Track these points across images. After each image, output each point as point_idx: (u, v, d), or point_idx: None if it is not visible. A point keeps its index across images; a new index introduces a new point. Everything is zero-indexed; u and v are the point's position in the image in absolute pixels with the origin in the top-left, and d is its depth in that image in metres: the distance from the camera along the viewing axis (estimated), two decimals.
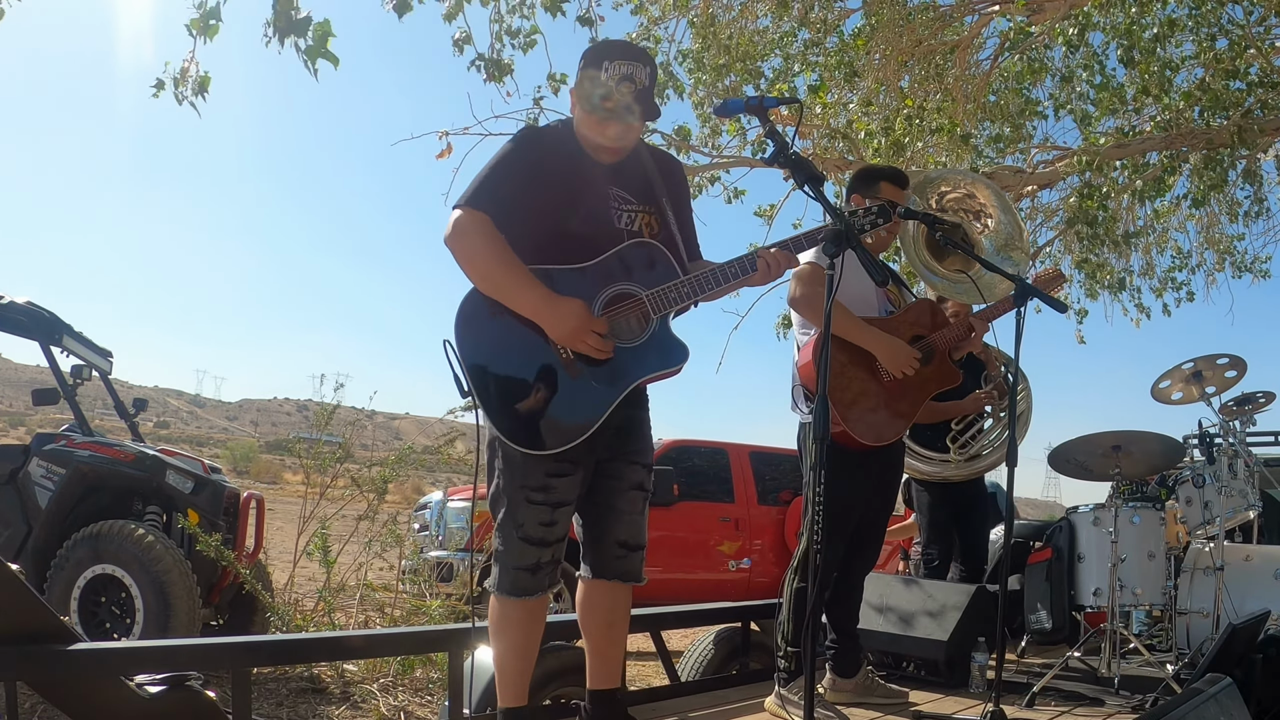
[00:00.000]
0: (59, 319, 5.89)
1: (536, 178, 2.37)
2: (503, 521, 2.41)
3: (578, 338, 2.29)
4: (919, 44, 7.00)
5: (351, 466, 6.17)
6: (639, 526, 2.54)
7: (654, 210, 2.51)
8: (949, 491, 4.66)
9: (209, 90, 4.20)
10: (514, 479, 2.37)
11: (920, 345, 3.27)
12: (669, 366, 2.40)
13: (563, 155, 2.43)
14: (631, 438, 2.51)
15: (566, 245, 2.38)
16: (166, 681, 2.35)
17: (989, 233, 3.61)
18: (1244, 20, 6.59)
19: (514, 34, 5.29)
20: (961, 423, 4.55)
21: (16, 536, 5.37)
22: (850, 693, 3.35)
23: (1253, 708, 2.99)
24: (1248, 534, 5.15)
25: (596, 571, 2.54)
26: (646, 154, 2.60)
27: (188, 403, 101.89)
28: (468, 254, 2.32)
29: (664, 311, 2.38)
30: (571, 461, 2.36)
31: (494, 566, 2.44)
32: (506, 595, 2.41)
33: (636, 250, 2.41)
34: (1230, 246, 9.35)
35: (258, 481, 27.32)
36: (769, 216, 7.83)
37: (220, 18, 3.96)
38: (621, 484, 2.50)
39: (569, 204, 2.39)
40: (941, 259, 3.62)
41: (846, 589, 3.40)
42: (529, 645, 2.49)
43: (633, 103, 2.34)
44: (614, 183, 2.47)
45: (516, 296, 2.31)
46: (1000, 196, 3.73)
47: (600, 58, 2.39)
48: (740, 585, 8.10)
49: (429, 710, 4.72)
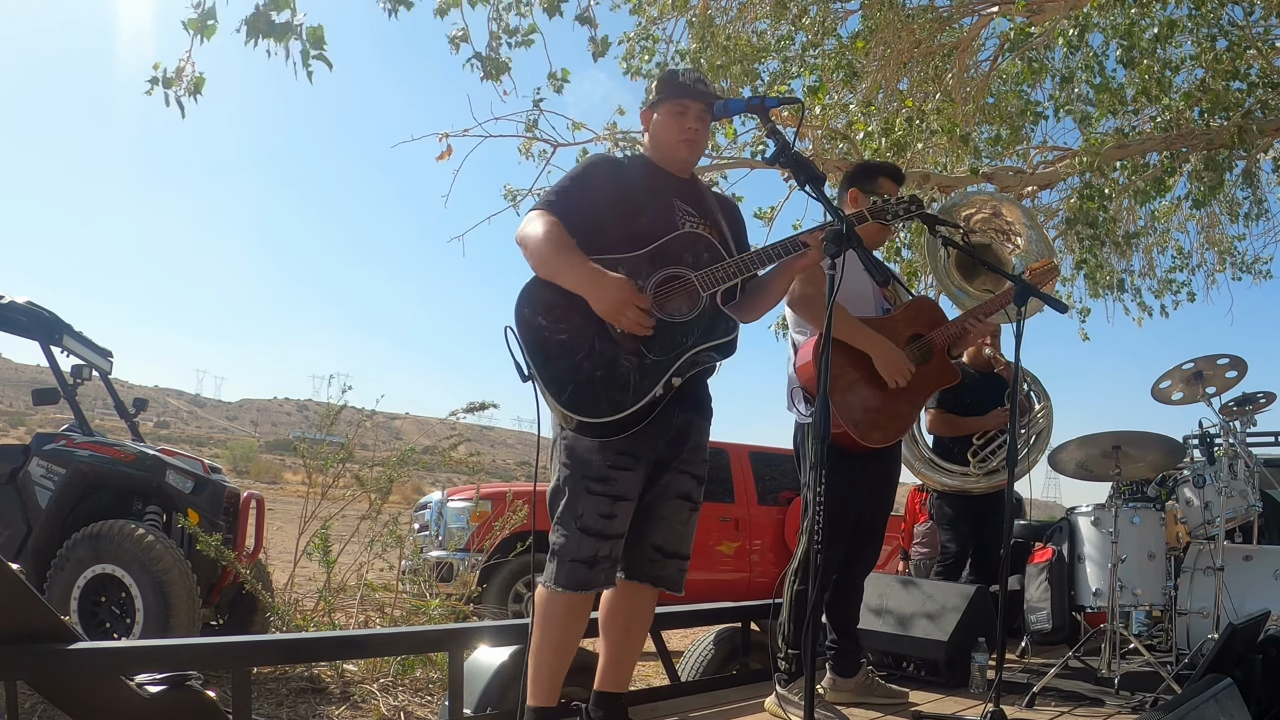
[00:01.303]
0: (59, 319, 5.89)
1: (608, 188, 2.54)
2: (562, 514, 2.45)
3: (621, 311, 2.35)
4: (918, 45, 6.99)
5: (352, 466, 6.16)
6: (679, 534, 2.61)
7: (712, 225, 2.63)
8: (970, 503, 4.84)
9: (202, 91, 4.18)
10: (575, 470, 2.44)
11: (919, 344, 3.27)
12: (720, 338, 2.46)
13: (634, 171, 2.66)
14: (688, 446, 2.57)
15: (632, 242, 2.48)
16: (166, 681, 2.35)
17: (1019, 252, 3.67)
18: (1244, 21, 6.59)
19: (511, 32, 5.27)
20: (983, 438, 4.76)
21: (16, 536, 5.36)
22: (850, 693, 3.36)
23: (1253, 708, 2.98)
24: (1248, 534, 5.14)
25: (629, 573, 2.58)
26: (708, 190, 2.82)
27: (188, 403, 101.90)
28: (528, 242, 2.42)
29: (713, 289, 2.46)
30: (634, 456, 2.43)
31: (548, 563, 2.46)
32: (560, 588, 2.42)
33: (686, 238, 2.52)
34: (1231, 247, 9.36)
35: (258, 481, 27.33)
36: (769, 218, 7.83)
37: (216, 17, 3.95)
38: (668, 491, 2.57)
39: (637, 209, 2.53)
40: (971, 279, 3.68)
41: (847, 589, 3.41)
42: (569, 643, 2.50)
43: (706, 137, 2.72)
44: (678, 196, 2.63)
45: (566, 274, 2.39)
46: (1028, 214, 3.78)
47: (672, 93, 2.63)
48: (740, 585, 8.10)
49: (429, 710, 4.72)
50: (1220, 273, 9.40)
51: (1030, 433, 4.93)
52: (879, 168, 3.52)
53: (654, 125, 2.67)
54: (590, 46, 5.57)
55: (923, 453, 4.94)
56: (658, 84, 2.70)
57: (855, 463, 3.14)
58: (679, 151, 2.65)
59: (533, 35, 5.27)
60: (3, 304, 5.68)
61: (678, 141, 2.63)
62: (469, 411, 6.14)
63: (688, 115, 2.61)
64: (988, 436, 4.74)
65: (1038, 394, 5.05)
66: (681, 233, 2.52)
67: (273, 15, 3.82)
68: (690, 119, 2.61)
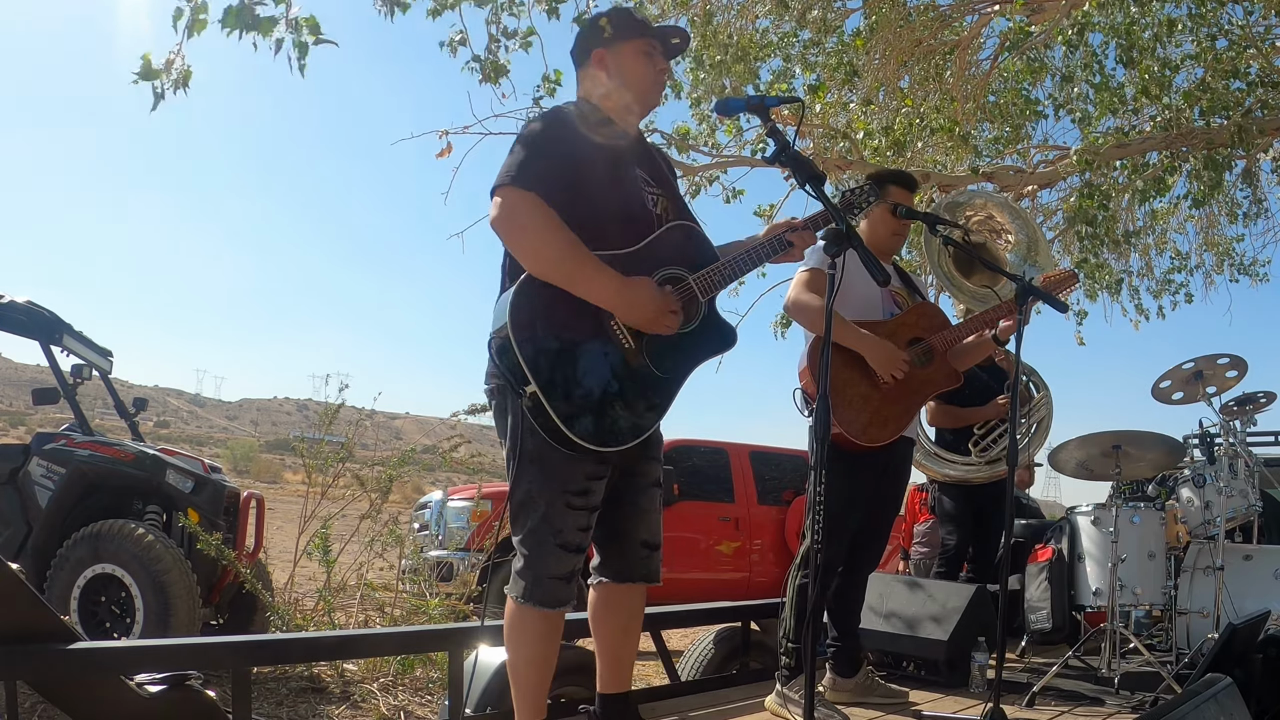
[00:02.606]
0: (59, 318, 5.89)
1: (574, 152, 2.28)
2: (536, 528, 2.24)
3: (658, 320, 2.22)
4: (918, 44, 6.99)
5: (352, 466, 6.16)
6: (659, 525, 2.48)
7: (669, 195, 2.48)
8: (971, 494, 4.84)
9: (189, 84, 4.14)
10: (551, 482, 2.23)
11: (919, 348, 3.26)
12: (724, 348, 2.39)
13: (594, 131, 2.34)
14: (653, 437, 2.42)
15: (612, 226, 2.30)
16: (166, 681, 2.35)
17: (1011, 247, 3.71)
18: (1244, 20, 6.59)
19: (510, 35, 5.26)
20: (984, 428, 4.78)
21: (16, 536, 5.37)
22: (850, 692, 3.36)
23: (1253, 708, 2.98)
24: (1248, 534, 5.15)
25: (622, 575, 2.44)
26: (651, 146, 2.60)
27: (188, 402, 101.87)
28: (524, 239, 2.18)
29: (712, 294, 2.36)
30: (608, 462, 2.27)
31: (517, 578, 2.28)
32: (538, 606, 2.25)
33: (677, 232, 2.38)
34: (1229, 248, 9.35)
35: (258, 481, 27.31)
36: (768, 216, 7.82)
37: (208, 12, 3.92)
38: (644, 481, 2.43)
39: (608, 181, 2.33)
40: (969, 274, 3.70)
41: (850, 589, 3.40)
42: (551, 657, 2.36)
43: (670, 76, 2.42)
44: (637, 164, 2.43)
45: (588, 283, 2.17)
46: (1014, 211, 3.83)
47: (640, 31, 2.40)
48: (740, 585, 8.10)
49: (429, 710, 4.72)
50: (1219, 274, 9.40)
51: (1030, 421, 4.95)
52: (887, 175, 3.48)
53: (615, 66, 2.39)
54: None
55: (925, 445, 4.95)
56: (613, 20, 2.42)
57: (856, 463, 3.14)
58: (650, 96, 2.43)
59: (531, 38, 5.26)
60: (3, 304, 5.68)
61: (651, 85, 2.40)
62: (470, 413, 6.14)
63: (655, 57, 2.40)
64: (988, 426, 4.76)
65: (1036, 384, 5.05)
66: (669, 226, 2.37)
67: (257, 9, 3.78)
68: (660, 61, 2.40)
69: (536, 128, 2.29)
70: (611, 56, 2.40)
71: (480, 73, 5.14)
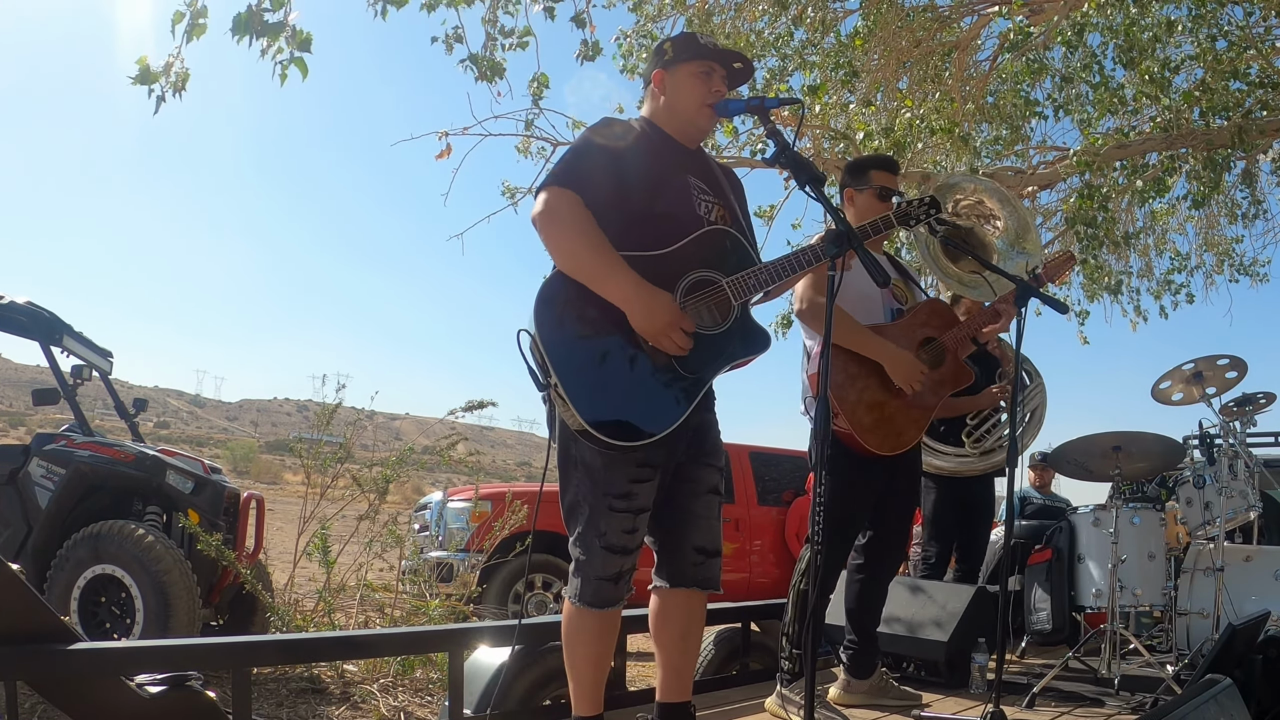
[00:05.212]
0: (59, 319, 5.89)
1: (621, 158, 2.37)
2: (583, 532, 2.35)
3: (664, 334, 2.24)
4: (917, 45, 6.99)
5: (352, 466, 6.16)
6: (716, 531, 2.51)
7: (725, 205, 2.53)
8: (957, 489, 4.65)
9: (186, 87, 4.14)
10: (595, 487, 2.32)
11: (931, 347, 3.26)
12: (752, 353, 2.41)
13: (644, 139, 2.46)
14: (706, 440, 2.49)
15: (651, 227, 2.36)
16: (166, 681, 2.35)
17: (1000, 233, 3.67)
18: (1244, 20, 6.59)
19: (507, 34, 5.25)
20: (977, 418, 4.60)
21: (16, 536, 5.36)
22: (864, 694, 3.34)
23: (1253, 708, 2.98)
24: (1248, 534, 5.15)
25: (674, 580, 2.49)
26: (715, 161, 2.69)
27: (188, 403, 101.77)
28: (556, 234, 2.27)
29: (745, 298, 2.38)
30: (652, 466, 2.33)
31: (572, 578, 2.39)
32: (587, 606, 2.36)
33: (715, 236, 2.41)
34: (1229, 249, 9.36)
35: (258, 481, 27.31)
36: (769, 217, 7.83)
37: (207, 16, 3.93)
38: (698, 487, 2.47)
39: (653, 186, 2.40)
40: (956, 260, 3.66)
41: (871, 591, 3.38)
42: (606, 655, 2.47)
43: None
44: (690, 170, 2.49)
45: (606, 282, 2.24)
46: (1004, 197, 3.78)
47: (697, 53, 2.48)
48: (740, 585, 8.10)
49: (429, 710, 4.72)
50: (1219, 274, 9.41)
51: (1025, 410, 4.80)
52: (869, 161, 3.46)
53: (671, 88, 2.48)
54: (581, 49, 5.57)
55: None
56: (676, 43, 2.52)
57: (866, 465, 3.13)
58: (701, 118, 2.49)
59: (527, 38, 5.25)
60: (3, 304, 5.68)
61: (702, 105, 2.46)
62: (468, 410, 6.13)
63: (713, 78, 2.46)
64: (981, 416, 4.60)
65: (1029, 372, 4.92)
66: (707, 230, 2.40)
67: (266, 15, 3.78)
68: (716, 82, 2.46)
69: (588, 134, 2.44)
70: (669, 77, 2.50)
71: (476, 70, 5.13)
